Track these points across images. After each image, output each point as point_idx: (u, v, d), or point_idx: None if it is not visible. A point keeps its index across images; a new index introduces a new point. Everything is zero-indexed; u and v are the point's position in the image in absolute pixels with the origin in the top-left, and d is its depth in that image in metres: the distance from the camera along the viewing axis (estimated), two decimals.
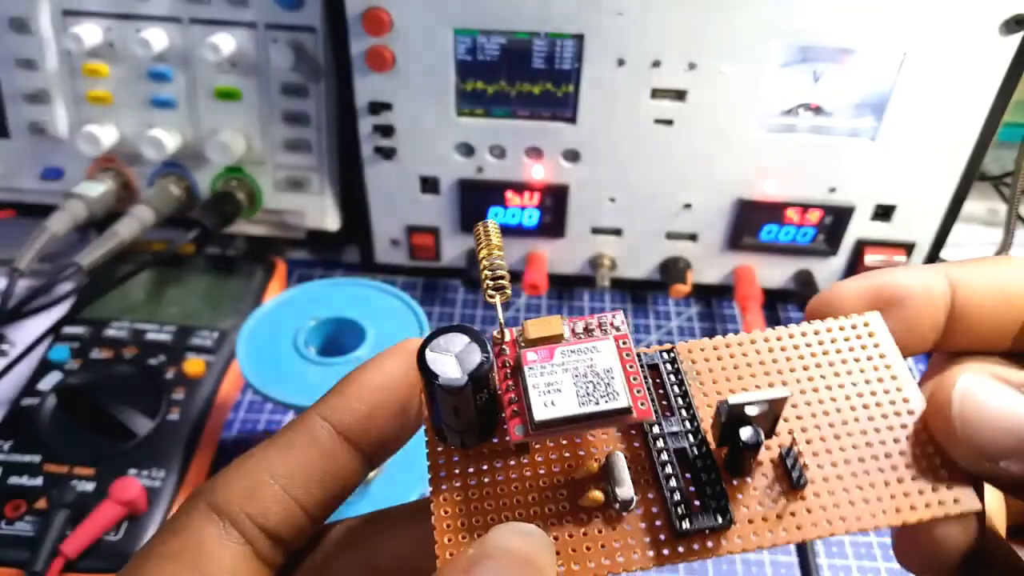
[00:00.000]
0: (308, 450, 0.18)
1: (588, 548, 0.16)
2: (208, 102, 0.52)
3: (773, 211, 0.50)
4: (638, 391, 0.16)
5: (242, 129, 0.52)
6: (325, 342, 0.39)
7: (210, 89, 0.51)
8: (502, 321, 0.18)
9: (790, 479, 0.16)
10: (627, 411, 0.16)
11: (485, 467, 0.17)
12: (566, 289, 0.57)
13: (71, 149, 0.53)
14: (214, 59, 0.49)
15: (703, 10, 0.43)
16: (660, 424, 0.17)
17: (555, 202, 0.51)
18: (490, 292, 0.17)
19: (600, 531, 0.16)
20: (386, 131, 0.49)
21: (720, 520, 0.16)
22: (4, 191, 0.57)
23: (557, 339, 0.17)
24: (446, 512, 0.16)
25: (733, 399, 0.16)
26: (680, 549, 0.16)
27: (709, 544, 0.16)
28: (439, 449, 0.17)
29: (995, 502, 0.18)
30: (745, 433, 0.16)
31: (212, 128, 0.52)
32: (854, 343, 0.18)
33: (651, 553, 0.16)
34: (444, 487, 0.17)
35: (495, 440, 0.17)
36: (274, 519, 0.17)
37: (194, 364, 0.45)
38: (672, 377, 0.18)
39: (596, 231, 0.53)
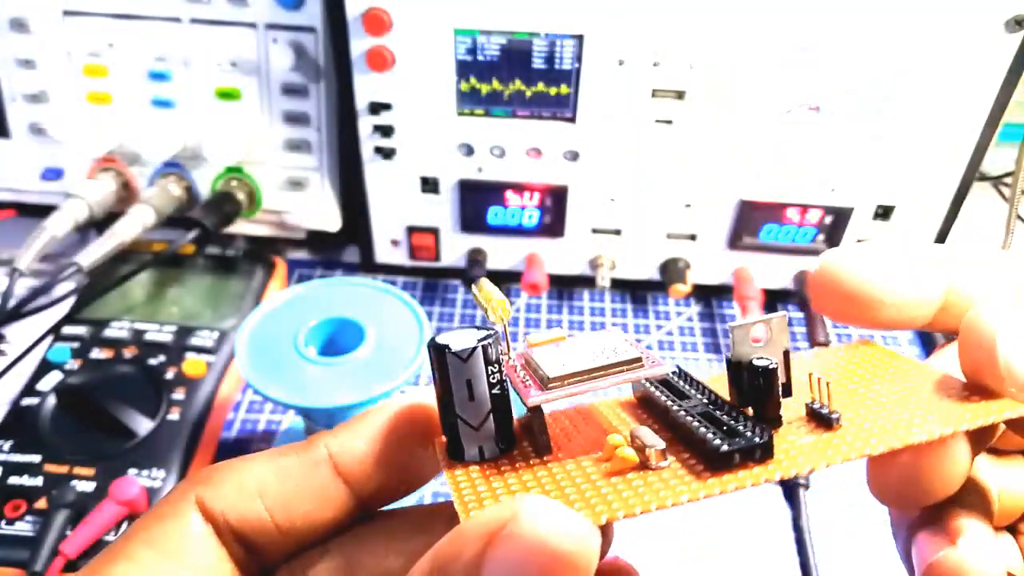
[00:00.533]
0: (303, 474, 0.18)
1: (627, 495, 0.15)
2: (208, 102, 0.52)
3: (773, 211, 0.50)
4: (647, 354, 0.17)
5: (242, 129, 0.52)
6: (325, 342, 0.39)
7: (210, 89, 0.51)
8: (508, 340, 0.17)
9: (822, 421, 0.16)
10: (638, 360, 0.16)
11: (510, 477, 0.16)
12: (566, 289, 0.57)
13: (71, 149, 0.53)
14: (214, 59, 0.49)
15: (703, 10, 0.43)
16: (675, 385, 0.17)
17: (555, 202, 0.51)
18: (490, 316, 0.17)
19: (639, 484, 0.15)
20: (386, 131, 0.49)
21: (760, 438, 0.15)
22: (4, 191, 0.57)
23: (562, 339, 0.18)
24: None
25: (732, 323, 0.16)
26: (724, 477, 0.15)
27: (753, 469, 0.15)
28: (457, 473, 0.16)
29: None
30: (760, 361, 0.16)
31: (212, 128, 0.52)
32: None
33: (695, 484, 0.15)
34: (471, 503, 0.15)
35: (515, 452, 0.17)
36: (251, 530, 0.17)
37: (194, 364, 0.45)
38: (683, 382, 0.18)
39: (596, 231, 0.53)
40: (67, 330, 0.47)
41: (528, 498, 0.13)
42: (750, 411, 0.16)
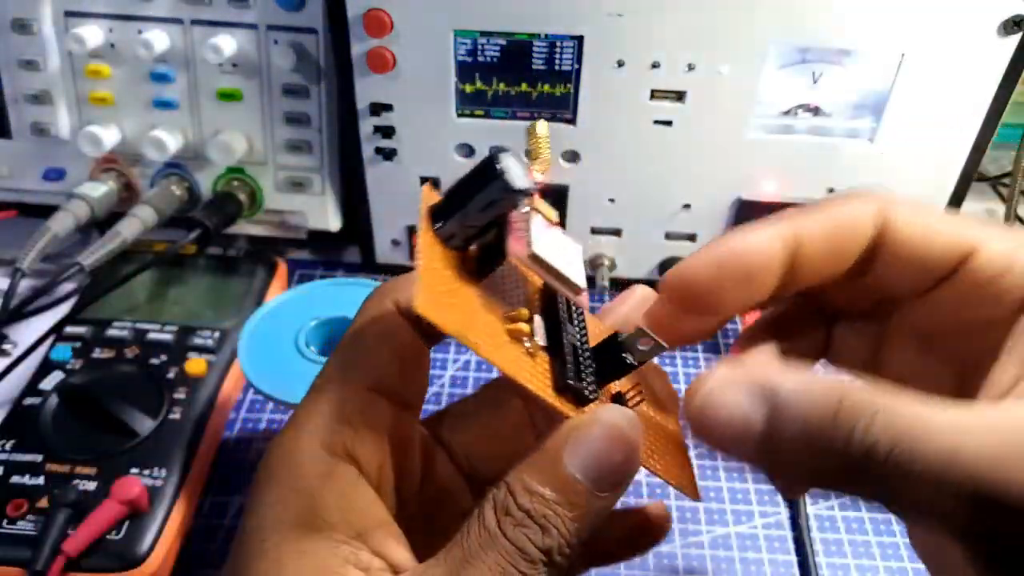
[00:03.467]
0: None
1: (513, 360, 0.20)
2: (210, 103, 0.52)
3: (772, 211, 0.50)
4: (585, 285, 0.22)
5: (243, 130, 0.53)
6: (326, 342, 0.39)
7: (212, 90, 0.52)
8: (541, 181, 0.22)
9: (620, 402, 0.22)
10: (579, 289, 0.21)
11: (456, 268, 0.21)
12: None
13: (73, 150, 0.53)
14: (215, 60, 0.49)
15: (702, 11, 0.43)
16: (578, 315, 0.22)
17: (555, 202, 0.51)
18: (537, 165, 0.22)
19: (520, 356, 0.20)
20: (387, 132, 0.50)
21: (588, 394, 0.20)
22: (6, 191, 0.57)
23: (551, 221, 0.23)
24: (432, 274, 0.19)
25: (630, 336, 0.21)
26: (552, 392, 0.20)
27: (573, 408, 0.20)
28: (431, 240, 0.21)
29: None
30: (629, 358, 0.21)
31: (214, 129, 0.53)
32: None
33: (536, 380, 0.20)
34: (433, 260, 0.20)
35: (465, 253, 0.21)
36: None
37: (196, 364, 0.45)
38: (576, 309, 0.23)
39: (596, 231, 0.53)
40: (69, 330, 0.47)
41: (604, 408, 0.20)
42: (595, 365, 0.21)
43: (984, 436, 0.16)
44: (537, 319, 0.21)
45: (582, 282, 0.21)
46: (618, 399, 0.22)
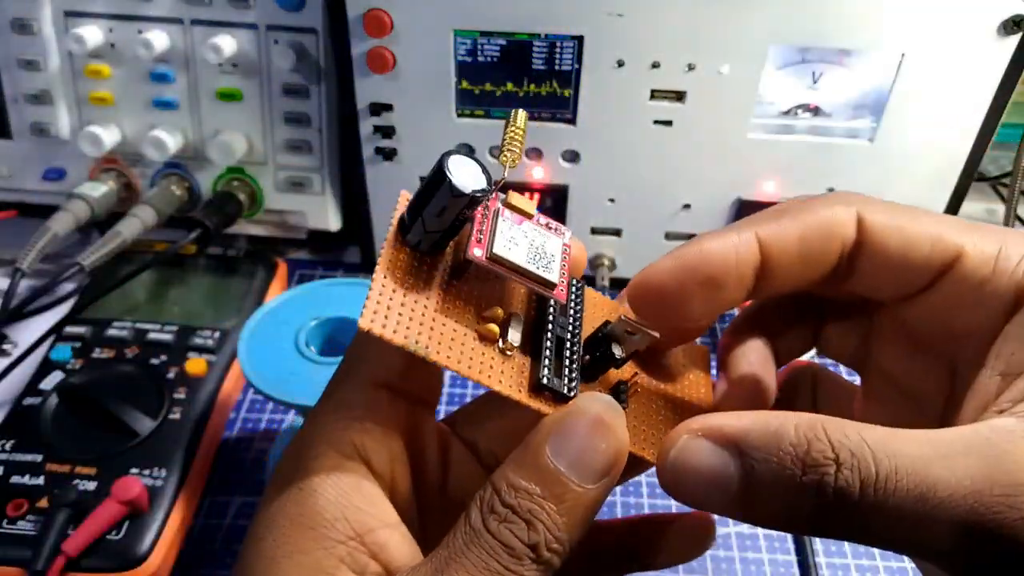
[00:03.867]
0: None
1: (478, 362, 0.20)
2: (210, 103, 0.52)
3: None
4: (563, 281, 0.21)
5: (243, 130, 0.53)
6: (326, 342, 0.39)
7: (211, 90, 0.52)
8: (504, 177, 0.21)
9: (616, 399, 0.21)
10: (552, 285, 0.20)
11: (424, 273, 0.20)
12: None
13: (73, 150, 0.54)
14: (215, 60, 0.49)
15: (702, 12, 0.43)
16: (559, 313, 0.22)
17: (555, 202, 0.51)
18: (505, 156, 0.21)
19: (493, 357, 0.20)
20: (387, 132, 0.50)
21: (567, 392, 0.20)
22: (7, 191, 0.57)
23: (528, 216, 0.21)
24: (384, 287, 0.19)
25: (616, 325, 0.21)
26: (529, 394, 0.20)
27: (550, 406, 0.20)
28: (397, 248, 0.21)
29: None
30: (617, 349, 0.21)
31: (214, 129, 0.53)
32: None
33: (517, 389, 0.20)
34: (389, 272, 0.20)
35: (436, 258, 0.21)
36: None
37: (196, 364, 0.45)
38: (575, 296, 0.23)
39: (596, 231, 0.53)
40: (69, 330, 0.47)
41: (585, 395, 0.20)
42: (588, 357, 0.22)
43: (959, 464, 0.16)
44: (516, 317, 0.21)
45: (553, 276, 0.20)
46: (617, 389, 0.22)
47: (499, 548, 0.17)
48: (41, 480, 0.39)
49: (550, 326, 0.21)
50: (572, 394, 0.20)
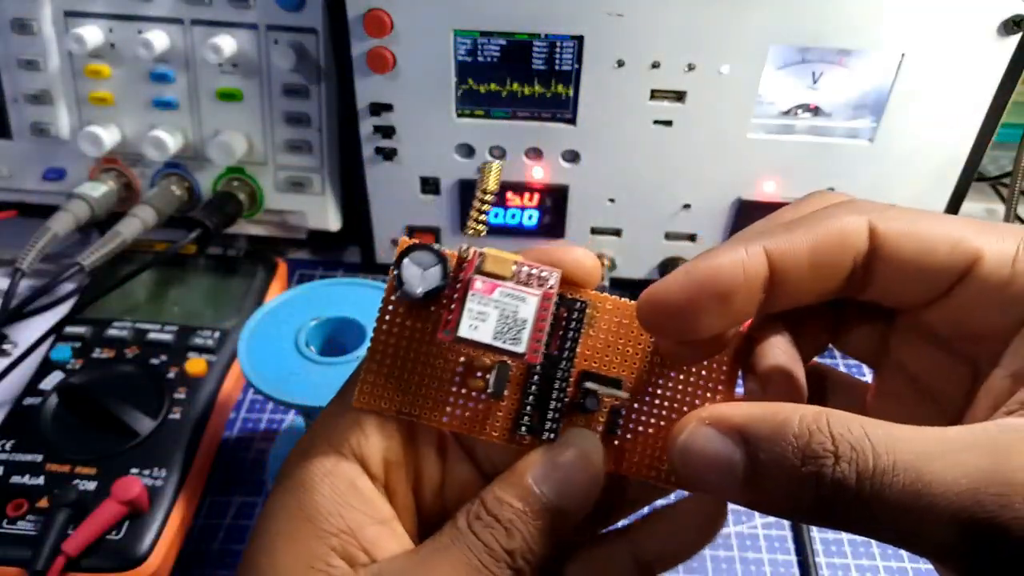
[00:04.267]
0: None
1: (465, 416, 0.22)
2: (210, 103, 0.52)
3: (771, 211, 0.50)
4: (537, 341, 0.21)
5: (243, 130, 0.53)
6: (326, 342, 0.39)
7: (212, 90, 0.52)
8: (472, 247, 0.22)
9: (609, 427, 0.23)
10: (520, 355, 0.21)
11: (418, 331, 0.23)
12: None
13: (73, 150, 0.54)
14: (215, 60, 0.49)
15: (702, 12, 0.43)
16: (542, 365, 0.23)
17: (555, 203, 0.51)
18: (471, 226, 0.23)
19: (479, 408, 0.22)
20: (387, 132, 0.50)
21: (545, 437, 0.22)
22: (7, 191, 0.57)
23: (504, 278, 0.22)
24: (375, 364, 0.22)
25: (591, 384, 0.22)
26: (514, 436, 0.22)
27: (528, 443, 0.22)
28: (393, 300, 0.23)
29: None
30: (590, 403, 0.22)
31: (214, 129, 0.53)
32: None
33: (501, 436, 0.22)
34: (387, 328, 0.22)
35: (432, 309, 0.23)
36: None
37: (196, 364, 0.45)
38: (573, 323, 0.23)
39: (596, 231, 0.53)
40: (69, 330, 0.47)
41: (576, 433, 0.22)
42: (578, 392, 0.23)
43: (959, 461, 0.16)
44: (503, 365, 0.22)
45: (520, 347, 0.21)
46: (614, 414, 0.23)
47: (480, 548, 0.20)
48: (41, 480, 0.39)
49: (535, 377, 0.23)
50: (551, 437, 0.22)
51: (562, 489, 0.21)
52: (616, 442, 0.23)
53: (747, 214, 0.50)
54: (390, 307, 0.23)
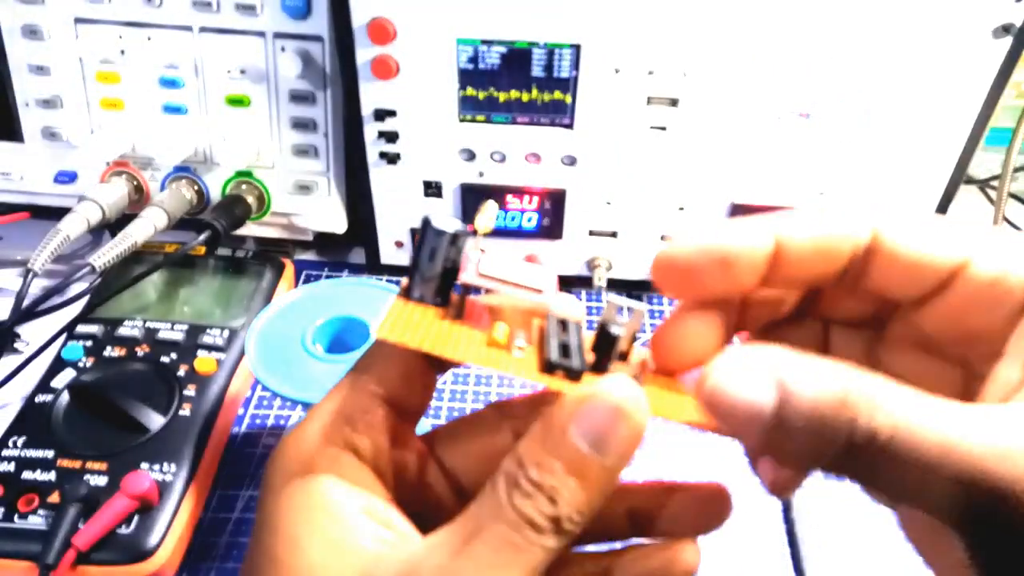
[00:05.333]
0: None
1: (490, 357, 0.21)
2: (218, 109, 0.53)
3: (764, 213, 0.51)
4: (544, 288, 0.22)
5: (252, 135, 0.53)
6: (332, 340, 0.40)
7: (220, 96, 0.53)
8: (475, 245, 0.23)
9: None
10: (536, 289, 0.22)
11: (428, 318, 0.22)
12: (564, 289, 0.58)
13: (84, 154, 0.54)
14: (224, 67, 0.50)
15: (696, 20, 0.44)
16: (555, 318, 0.23)
17: (553, 205, 0.52)
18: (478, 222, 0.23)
19: (503, 355, 0.21)
20: (391, 137, 0.51)
21: (578, 366, 0.21)
22: (19, 194, 0.58)
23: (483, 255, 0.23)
24: (397, 306, 0.22)
25: (606, 311, 0.22)
26: (543, 375, 0.21)
27: (562, 380, 0.21)
28: (400, 301, 0.22)
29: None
30: (614, 328, 0.22)
31: (222, 134, 0.54)
32: None
33: (529, 372, 0.21)
34: (395, 319, 0.22)
35: (446, 307, 0.23)
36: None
37: (205, 362, 0.46)
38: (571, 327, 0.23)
39: (593, 233, 0.54)
40: (81, 329, 0.48)
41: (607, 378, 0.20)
42: (593, 357, 0.22)
43: (987, 429, 0.17)
44: (520, 331, 0.22)
45: (541, 285, 0.22)
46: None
47: (523, 524, 0.19)
48: (52, 475, 0.39)
49: (553, 325, 0.22)
50: (583, 368, 0.21)
51: (606, 443, 0.19)
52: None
53: (740, 216, 0.51)
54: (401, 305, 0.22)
